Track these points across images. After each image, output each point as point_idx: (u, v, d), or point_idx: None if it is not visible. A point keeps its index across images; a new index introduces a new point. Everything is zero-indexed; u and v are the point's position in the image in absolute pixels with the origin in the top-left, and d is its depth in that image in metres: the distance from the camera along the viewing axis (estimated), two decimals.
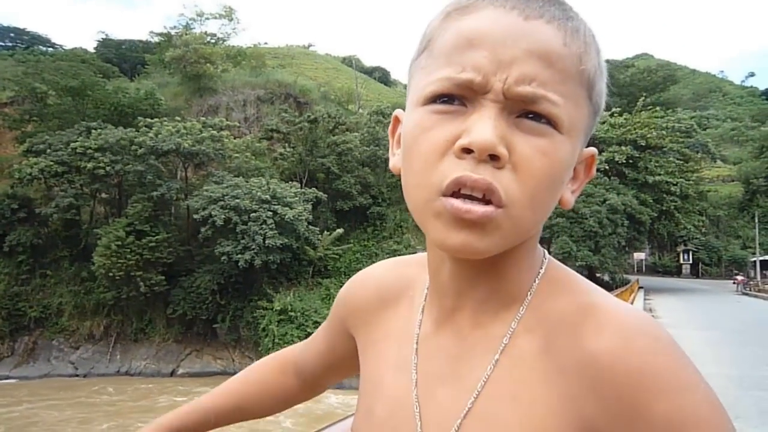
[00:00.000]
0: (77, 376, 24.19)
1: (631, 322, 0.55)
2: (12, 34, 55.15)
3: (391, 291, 0.76)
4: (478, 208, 0.54)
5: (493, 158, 0.53)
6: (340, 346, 0.83)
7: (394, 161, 0.66)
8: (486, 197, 0.54)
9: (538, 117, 0.55)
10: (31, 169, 24.68)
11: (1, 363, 24.96)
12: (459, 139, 0.54)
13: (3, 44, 54.11)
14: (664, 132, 30.75)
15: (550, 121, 0.55)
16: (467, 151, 0.54)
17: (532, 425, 0.56)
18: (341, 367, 0.87)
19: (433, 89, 0.56)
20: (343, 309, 0.81)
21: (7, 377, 23.93)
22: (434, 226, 0.56)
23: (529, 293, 0.62)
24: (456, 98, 0.56)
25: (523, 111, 0.55)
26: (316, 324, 23.58)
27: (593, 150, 0.64)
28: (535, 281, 0.63)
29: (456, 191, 0.54)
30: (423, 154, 0.56)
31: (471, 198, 0.54)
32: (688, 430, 0.50)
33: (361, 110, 39.43)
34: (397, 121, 0.67)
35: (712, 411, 0.51)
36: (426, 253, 0.69)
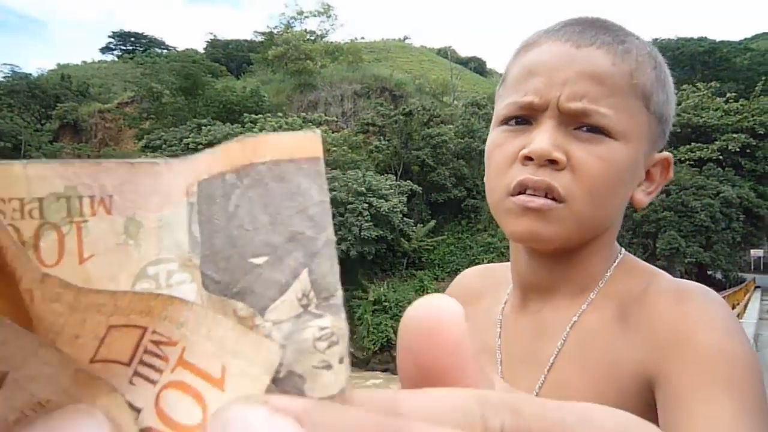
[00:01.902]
0: None
1: (688, 287, 0.65)
2: (132, 39, 59.62)
3: (476, 290, 0.88)
4: (538, 199, 0.66)
5: (552, 163, 0.65)
6: None
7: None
8: (547, 196, 0.66)
9: (592, 128, 0.66)
10: None
11: None
12: (523, 149, 0.67)
13: (124, 48, 58.61)
14: None
15: (603, 131, 0.66)
16: (529, 158, 0.66)
17: (600, 387, 0.64)
18: None
19: (504, 113, 0.71)
20: None
21: None
22: (506, 220, 0.69)
23: (601, 282, 0.72)
24: (523, 119, 0.69)
25: (579, 124, 0.66)
26: None
27: (667, 154, 0.74)
28: (608, 272, 0.73)
29: (522, 191, 0.67)
30: (495, 163, 0.71)
31: (534, 196, 0.67)
32: (725, 359, 0.57)
33: (456, 102, 39.21)
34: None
35: (746, 352, 0.59)
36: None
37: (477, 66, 70.37)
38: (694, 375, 0.57)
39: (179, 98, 32.02)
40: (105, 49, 59.58)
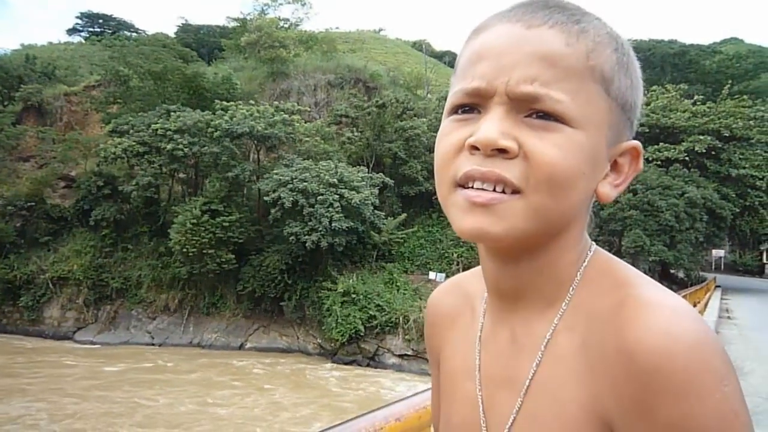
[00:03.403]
0: (153, 344, 25.60)
1: (658, 319, 0.54)
2: (100, 20, 58.09)
3: (455, 308, 0.81)
4: (486, 194, 0.60)
5: (501, 152, 0.59)
6: None
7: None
8: (496, 189, 0.60)
9: (545, 115, 0.60)
10: (115, 148, 26.10)
11: (86, 329, 26.78)
12: (469, 138, 0.61)
13: (92, 30, 57.08)
14: (751, 122, 28.96)
15: (557, 117, 0.59)
16: (476, 148, 0.60)
17: (568, 424, 0.59)
18: None
19: (452, 101, 0.65)
20: (428, 342, 0.86)
21: (92, 342, 25.66)
22: (452, 213, 0.63)
23: (571, 289, 0.65)
24: (471, 107, 0.63)
25: (530, 110, 0.60)
26: (378, 307, 23.91)
27: (636, 143, 0.66)
28: (577, 276, 0.66)
29: (470, 185, 0.61)
30: (441, 154, 0.65)
31: (482, 190, 0.61)
32: None
33: (429, 95, 39.23)
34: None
35: (720, 423, 0.51)
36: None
37: (451, 60, 70.42)
38: None
39: (148, 83, 31.35)
40: (72, 31, 57.96)
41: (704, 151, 27.02)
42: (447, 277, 25.42)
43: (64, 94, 34.70)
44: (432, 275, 25.64)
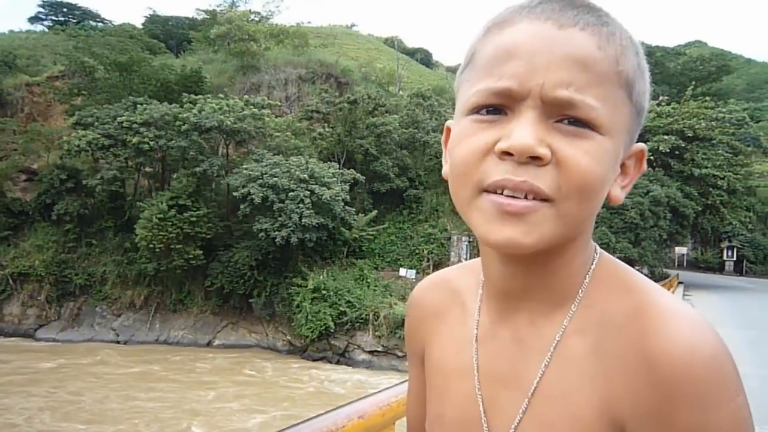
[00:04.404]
0: (118, 342, 25.09)
1: (678, 329, 0.55)
2: (64, 9, 56.50)
3: (442, 304, 0.79)
4: (519, 201, 0.57)
5: (535, 159, 0.56)
6: (423, 379, 0.82)
7: (445, 169, 0.68)
8: (528, 198, 0.57)
9: (576, 121, 0.58)
10: (79, 141, 25.44)
11: (49, 326, 26.09)
12: (499, 142, 0.58)
13: (56, 19, 55.50)
14: (713, 123, 29.72)
15: (588, 124, 0.58)
16: (508, 153, 0.57)
17: (578, 425, 0.59)
18: None
19: (476, 100, 0.60)
20: (411, 338, 0.84)
21: (54, 340, 25.01)
22: (478, 220, 0.60)
23: (580, 291, 0.65)
24: (498, 108, 0.59)
25: (562, 115, 0.58)
26: (349, 303, 23.86)
27: (642, 145, 0.66)
28: (586, 278, 0.65)
29: (500, 192, 0.58)
30: (464, 157, 0.60)
31: (514, 198, 0.58)
32: None
33: (401, 92, 39.25)
34: (449, 131, 0.70)
35: (732, 431, 0.53)
36: (470, 261, 0.76)
37: (423, 57, 70.67)
38: None
39: (114, 74, 30.62)
40: (34, 19, 56.21)
41: (668, 150, 27.63)
42: (417, 273, 25.60)
43: (25, 85, 33.66)
44: (402, 272, 25.70)
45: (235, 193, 24.38)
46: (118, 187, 26.82)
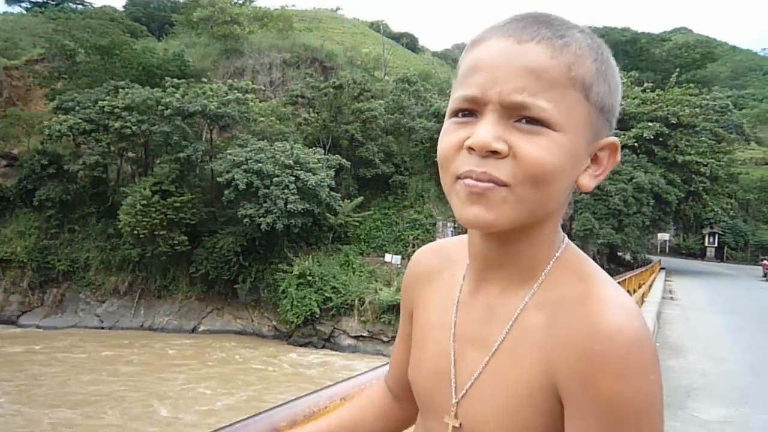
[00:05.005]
0: (102, 328, 24.95)
1: (612, 314, 0.67)
2: None
3: (435, 268, 0.93)
4: (481, 183, 0.70)
5: (494, 153, 0.69)
6: (411, 331, 0.95)
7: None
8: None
9: (532, 120, 0.69)
10: (60, 126, 25.06)
11: (32, 312, 25.85)
12: (467, 140, 0.71)
13: (34, 1, 54.36)
14: (697, 110, 29.91)
15: (542, 122, 0.69)
16: (472, 149, 0.70)
17: (523, 384, 0.72)
18: None
19: (453, 106, 0.75)
20: (405, 290, 0.97)
21: (37, 326, 24.80)
22: (455, 202, 0.74)
23: (543, 273, 0.77)
24: (469, 111, 0.73)
25: (519, 116, 0.70)
26: (334, 289, 23.90)
27: (614, 138, 0.76)
28: (549, 263, 0.77)
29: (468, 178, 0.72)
30: (443, 151, 0.75)
31: (479, 181, 0.71)
32: (620, 411, 0.64)
33: (387, 77, 39.06)
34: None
35: (647, 402, 0.65)
36: (466, 236, 0.86)
37: (409, 42, 70.29)
38: (587, 414, 0.66)
39: (95, 58, 30.12)
40: (11, 1, 55.02)
41: (652, 137, 27.79)
42: (403, 259, 25.65)
43: (3, 68, 33.00)
44: (388, 257, 25.76)
45: (219, 179, 24.21)
46: (100, 172, 26.49)
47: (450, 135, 0.74)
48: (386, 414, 1.01)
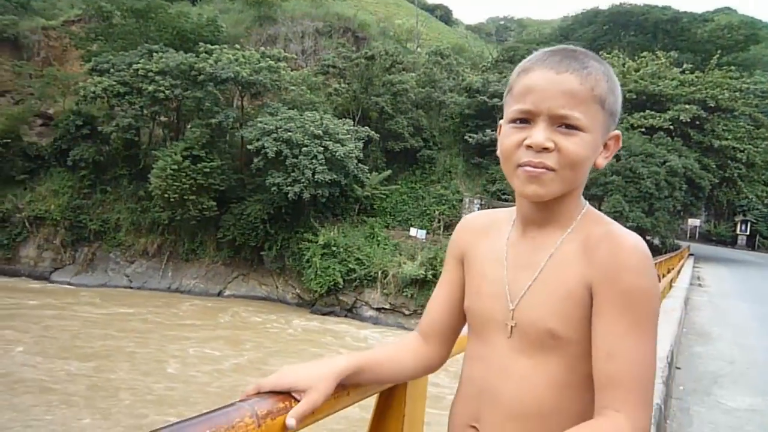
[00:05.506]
0: (131, 288, 25.61)
1: (628, 241, 1.02)
2: None
3: (485, 225, 1.25)
4: (538, 169, 1.04)
5: (545, 149, 1.03)
6: (457, 276, 1.24)
7: (499, 150, 1.12)
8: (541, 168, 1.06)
9: (569, 126, 1.04)
10: (95, 87, 25.40)
11: (64, 270, 26.64)
12: (526, 140, 1.05)
13: None
14: (737, 94, 28.95)
15: (576, 127, 1.04)
16: (530, 147, 1.04)
17: (565, 285, 1.05)
18: (460, 304, 1.23)
19: (512, 115, 1.08)
20: (457, 241, 1.27)
21: (68, 283, 25.57)
22: (516, 183, 1.08)
23: (573, 222, 1.11)
24: (524, 120, 1.06)
25: (560, 123, 1.04)
26: (358, 261, 24.09)
27: (617, 132, 1.12)
28: (579, 216, 1.12)
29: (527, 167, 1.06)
30: (507, 147, 1.08)
31: (536, 168, 1.05)
32: (636, 297, 0.98)
33: (419, 49, 38.60)
34: (500, 128, 1.14)
35: (653, 293, 1.00)
36: (509, 208, 1.23)
37: (443, 14, 69.12)
38: (612, 300, 0.99)
39: (130, 21, 30.32)
40: None
41: (689, 120, 27.05)
42: (428, 234, 25.69)
43: (41, 28, 33.44)
44: (413, 231, 25.81)
45: (249, 146, 24.38)
46: (132, 135, 26.88)
47: (511, 136, 1.07)
48: (417, 353, 1.23)
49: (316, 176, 23.13)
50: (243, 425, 0.83)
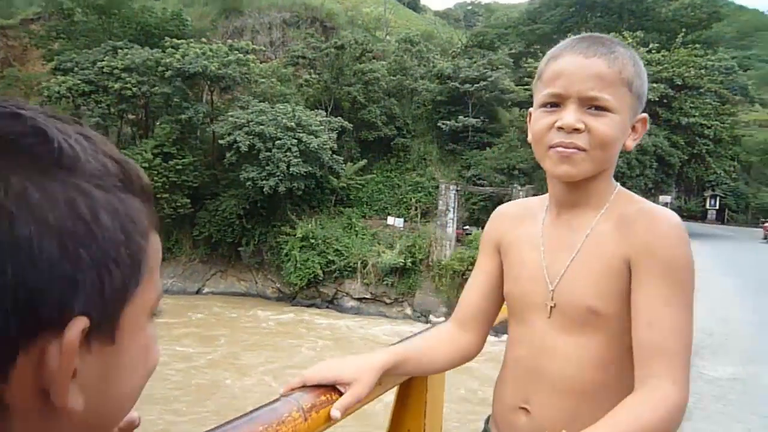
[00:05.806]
0: None
1: (664, 214, 1.07)
2: None
3: (519, 213, 1.28)
4: (569, 149, 1.08)
5: (576, 131, 1.07)
6: (493, 264, 1.27)
7: (530, 137, 1.17)
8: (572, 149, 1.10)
9: (599, 107, 1.07)
10: (59, 87, 24.78)
11: None
12: (557, 122, 1.09)
13: None
14: (702, 71, 29.46)
15: (605, 108, 1.07)
16: (561, 128, 1.08)
17: (603, 261, 1.08)
18: (497, 291, 1.26)
19: (543, 99, 1.13)
20: (492, 231, 1.30)
21: None
22: (548, 164, 1.12)
23: (606, 203, 1.14)
24: (555, 104, 1.11)
25: (590, 105, 1.08)
26: (337, 252, 24.03)
27: (644, 115, 1.15)
28: (611, 197, 1.15)
29: (558, 148, 1.10)
30: (539, 129, 1.12)
31: (567, 148, 1.09)
32: (675, 267, 1.02)
33: (388, 37, 38.42)
34: (530, 115, 1.17)
35: (690, 263, 1.04)
36: (540, 196, 1.26)
37: (411, 1, 68.81)
38: (651, 271, 1.02)
39: (92, 17, 29.58)
40: None
41: (657, 99, 27.48)
42: (405, 222, 25.72)
43: None
44: (390, 220, 25.82)
45: (221, 141, 24.07)
46: (101, 134, 26.20)
47: (543, 119, 1.11)
48: (454, 342, 1.26)
49: (290, 169, 22.96)
50: (291, 419, 0.89)
